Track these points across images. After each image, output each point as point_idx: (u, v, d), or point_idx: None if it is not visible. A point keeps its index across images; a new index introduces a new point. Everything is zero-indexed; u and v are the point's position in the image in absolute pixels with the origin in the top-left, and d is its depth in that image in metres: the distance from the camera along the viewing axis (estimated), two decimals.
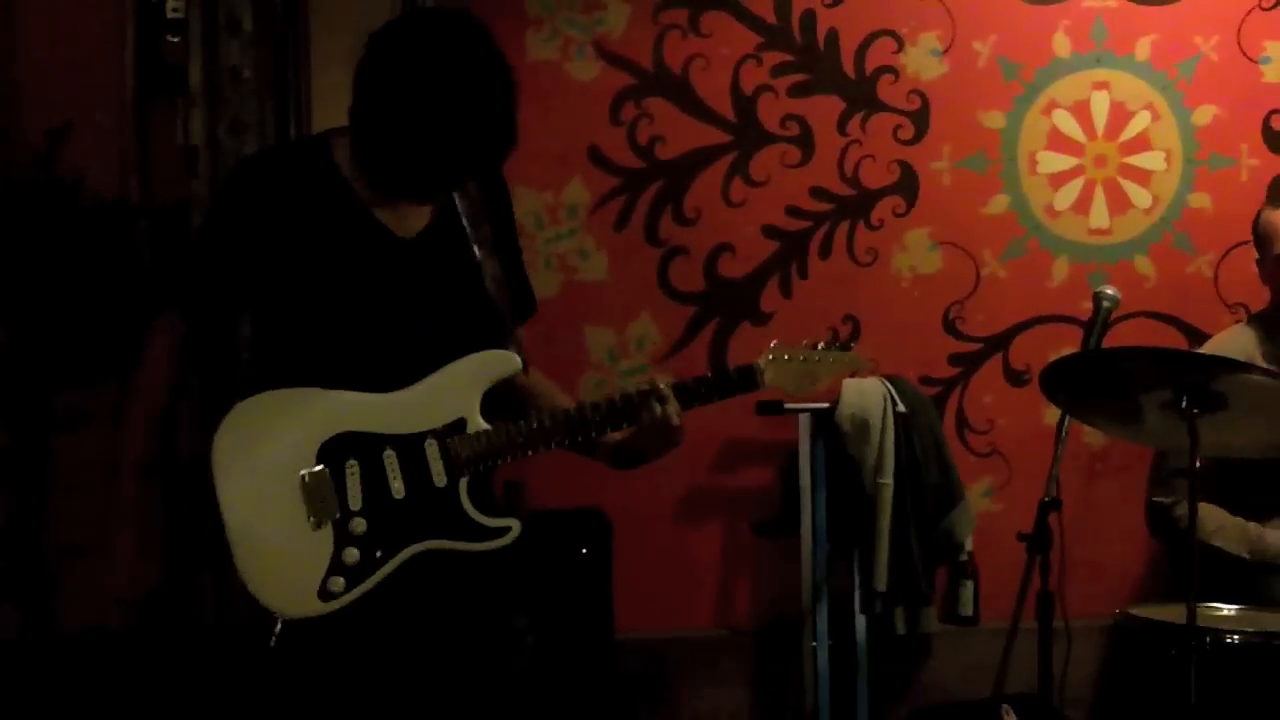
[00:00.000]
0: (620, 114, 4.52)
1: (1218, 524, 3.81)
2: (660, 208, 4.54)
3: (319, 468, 2.51)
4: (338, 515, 2.50)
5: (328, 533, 2.50)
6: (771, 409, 4.41)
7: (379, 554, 2.50)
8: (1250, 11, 4.62)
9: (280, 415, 2.52)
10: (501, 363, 2.61)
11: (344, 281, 2.53)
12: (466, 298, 2.62)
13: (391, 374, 2.54)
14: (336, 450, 2.51)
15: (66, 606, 3.94)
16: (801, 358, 2.74)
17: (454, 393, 2.57)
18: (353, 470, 2.51)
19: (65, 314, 3.88)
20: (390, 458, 2.52)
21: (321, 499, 2.50)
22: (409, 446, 2.53)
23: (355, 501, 2.51)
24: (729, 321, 4.54)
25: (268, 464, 2.51)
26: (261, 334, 2.59)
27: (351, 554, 2.49)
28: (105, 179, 3.95)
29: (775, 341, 2.75)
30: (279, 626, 2.48)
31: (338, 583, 2.49)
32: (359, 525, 2.50)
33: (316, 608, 2.48)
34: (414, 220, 2.61)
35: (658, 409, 2.61)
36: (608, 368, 4.51)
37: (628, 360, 4.53)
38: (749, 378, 2.70)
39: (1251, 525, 3.82)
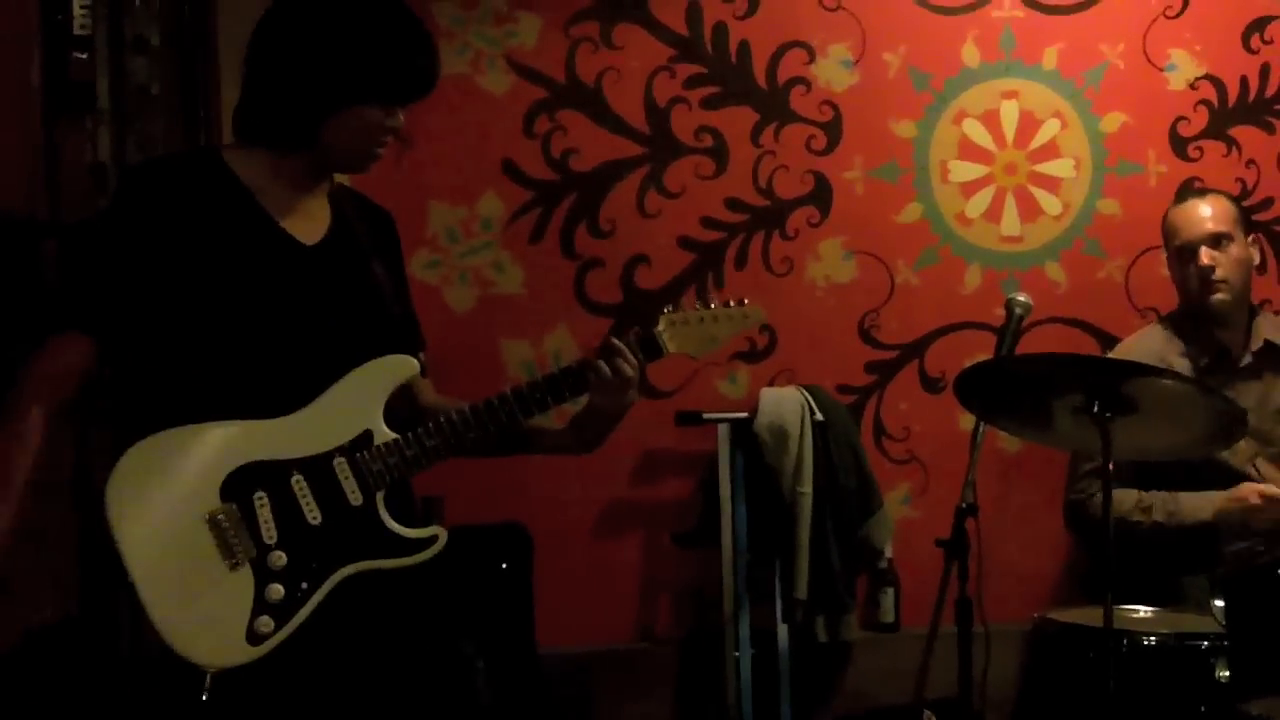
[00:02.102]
0: (534, 127, 4.51)
1: (1135, 499, 3.85)
2: (575, 220, 4.54)
3: (226, 505, 2.40)
4: (254, 552, 2.40)
5: (246, 572, 2.40)
6: (690, 419, 4.42)
7: (305, 585, 2.41)
8: (1155, 20, 4.69)
9: (174, 457, 2.41)
10: (398, 367, 2.54)
11: (252, 289, 2.46)
12: (367, 305, 2.57)
13: (295, 387, 2.46)
14: (241, 484, 2.41)
15: None
16: (699, 319, 2.70)
17: (355, 405, 2.49)
18: (262, 502, 2.41)
19: None
20: (300, 483, 2.44)
21: (234, 537, 2.39)
22: (317, 468, 2.45)
23: (270, 535, 2.41)
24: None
25: (169, 510, 2.39)
26: (150, 355, 2.46)
27: (276, 590, 2.40)
28: (13, 197, 3.88)
29: (669, 306, 2.72)
30: (209, 680, 2.36)
31: (266, 623, 2.39)
32: (279, 559, 2.41)
33: (247, 654, 2.38)
34: (315, 226, 2.56)
35: (604, 368, 2.59)
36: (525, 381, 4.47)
37: (544, 373, 4.49)
38: (652, 345, 2.67)
39: (1163, 493, 3.85)
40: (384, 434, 2.49)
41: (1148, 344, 4.00)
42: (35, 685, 3.40)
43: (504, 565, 4.11)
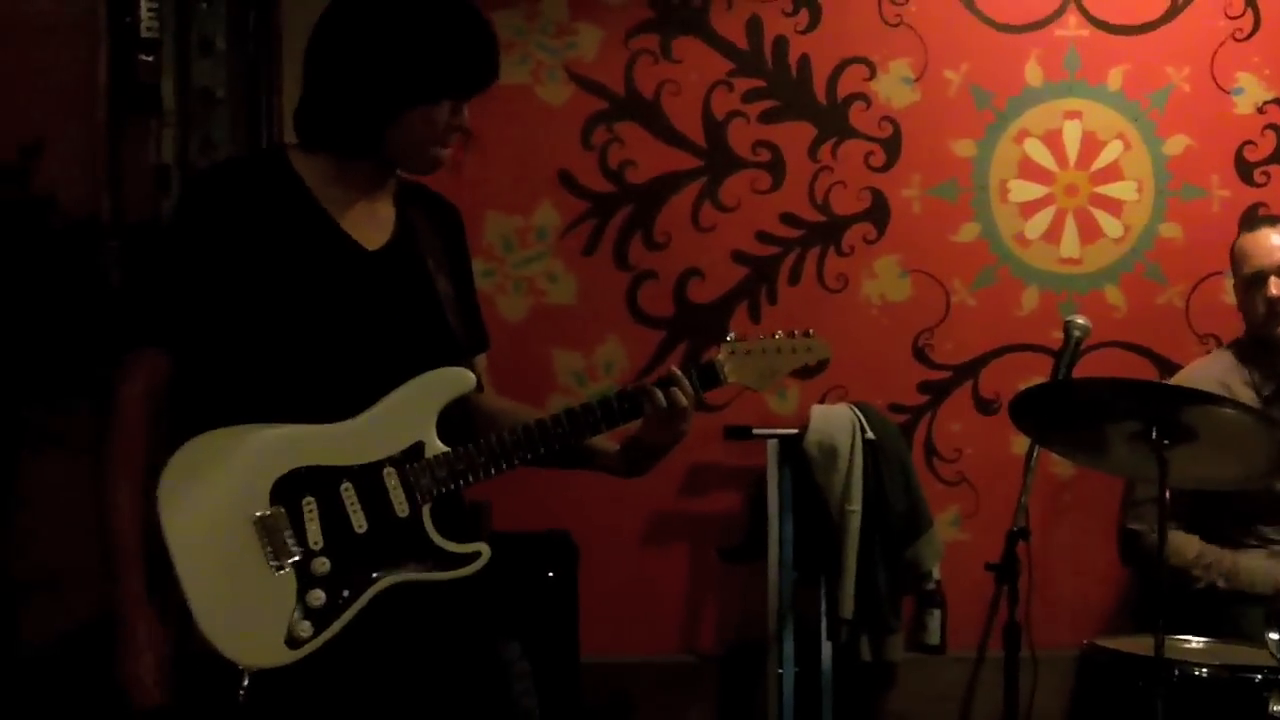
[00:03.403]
0: (591, 138, 4.51)
1: (1196, 551, 3.82)
2: (630, 232, 4.53)
3: (274, 507, 2.40)
4: (298, 556, 2.40)
5: (289, 575, 2.39)
6: (739, 434, 4.41)
7: (346, 593, 2.40)
8: (1223, 43, 4.64)
9: (228, 455, 2.41)
10: (454, 381, 2.52)
11: (311, 294, 2.45)
12: (427, 314, 2.56)
13: (350, 393, 2.45)
14: (291, 488, 2.41)
15: (31, 627, 3.91)
16: (762, 349, 2.64)
17: (408, 416, 2.47)
18: (310, 507, 2.41)
19: (35, 332, 3.86)
20: (348, 491, 2.42)
21: (279, 540, 2.39)
22: (367, 477, 2.44)
23: (316, 540, 2.40)
24: (697, 346, 4.52)
25: (218, 508, 2.39)
26: (210, 355, 2.46)
27: (317, 596, 2.39)
28: (77, 197, 3.93)
29: (732, 334, 2.67)
30: (246, 680, 2.36)
31: (305, 627, 2.38)
32: (322, 565, 2.40)
33: (285, 656, 2.37)
34: (378, 230, 2.55)
35: (659, 397, 2.53)
36: (575, 391, 4.49)
37: (595, 384, 4.51)
38: (711, 375, 2.61)
39: (1227, 553, 3.83)
40: (435, 447, 2.47)
41: (1211, 371, 3.96)
42: (77, 680, 3.44)
43: (550, 574, 4.11)
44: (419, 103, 2.47)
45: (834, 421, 4.39)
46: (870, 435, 4.37)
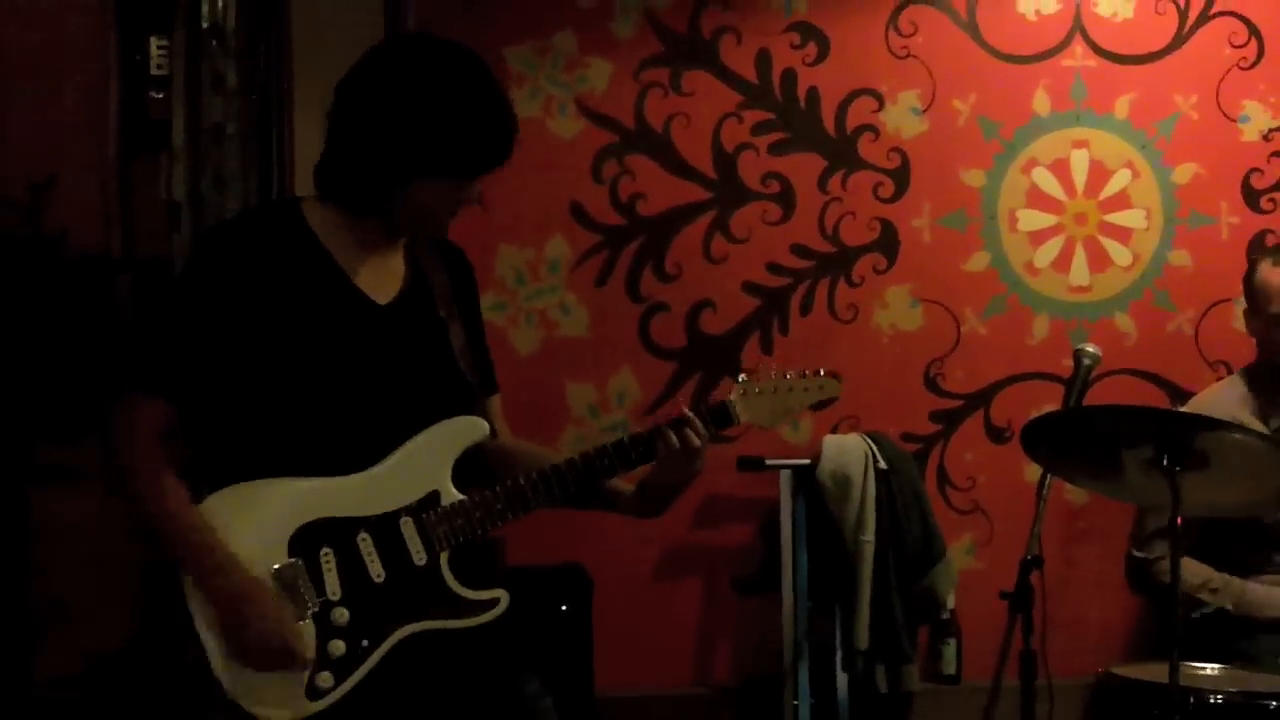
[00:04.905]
0: (602, 171, 4.53)
1: (1202, 579, 3.81)
2: (641, 264, 4.55)
3: (292, 560, 2.42)
4: (317, 608, 2.42)
5: (309, 628, 2.41)
6: (752, 465, 4.41)
7: (365, 643, 2.43)
8: (1229, 71, 4.66)
9: (245, 510, 2.44)
10: (468, 430, 2.54)
11: (325, 350, 2.46)
12: (439, 365, 2.57)
13: (365, 445, 2.47)
14: (309, 539, 2.43)
15: (46, 661, 3.92)
16: (773, 388, 2.65)
17: (424, 465, 2.49)
18: (328, 558, 2.43)
19: (47, 368, 3.88)
20: (366, 541, 2.44)
21: (298, 592, 2.41)
22: (384, 527, 2.45)
23: (334, 591, 2.43)
24: (710, 377, 4.53)
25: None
26: (226, 410, 2.47)
27: (337, 646, 2.41)
28: (88, 233, 3.97)
29: (744, 374, 2.67)
30: None
31: (326, 679, 2.41)
32: (341, 615, 2.42)
33: (306, 709, 2.40)
34: (390, 284, 2.56)
35: (672, 438, 2.54)
36: (589, 423, 4.50)
37: (608, 415, 4.52)
38: (724, 415, 2.62)
39: (1235, 579, 3.81)
40: (451, 495, 2.49)
41: (1222, 398, 3.95)
42: (93, 715, 3.44)
43: (564, 607, 4.11)
44: (422, 176, 2.48)
45: (847, 451, 4.40)
46: (883, 465, 4.37)
